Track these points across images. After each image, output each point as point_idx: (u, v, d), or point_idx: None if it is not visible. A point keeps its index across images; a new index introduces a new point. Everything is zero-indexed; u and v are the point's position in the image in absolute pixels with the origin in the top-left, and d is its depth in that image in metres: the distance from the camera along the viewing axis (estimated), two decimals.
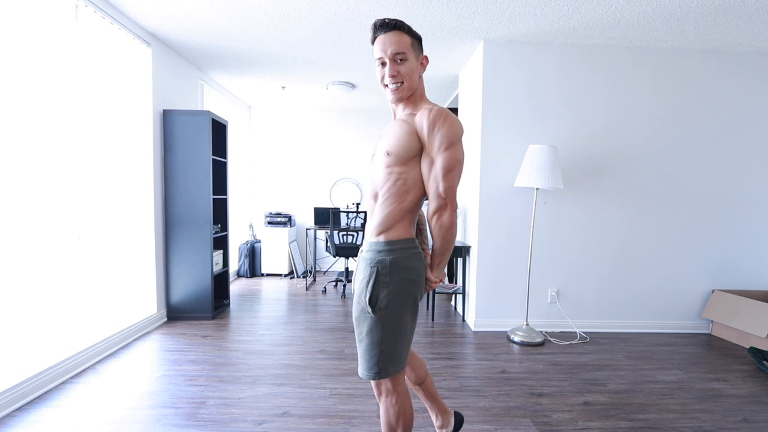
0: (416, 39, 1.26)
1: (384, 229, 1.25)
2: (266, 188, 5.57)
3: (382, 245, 1.25)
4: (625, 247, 3.22)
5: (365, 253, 1.29)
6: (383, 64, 1.25)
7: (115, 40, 2.69)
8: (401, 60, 1.22)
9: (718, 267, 3.26)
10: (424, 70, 1.31)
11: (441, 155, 1.20)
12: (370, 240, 1.28)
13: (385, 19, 1.23)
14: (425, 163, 1.23)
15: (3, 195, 1.91)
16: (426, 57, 1.30)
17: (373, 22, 1.78)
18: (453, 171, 1.21)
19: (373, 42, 1.26)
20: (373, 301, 1.21)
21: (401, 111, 1.31)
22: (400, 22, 1.23)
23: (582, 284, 3.24)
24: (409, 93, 1.27)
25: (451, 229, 1.24)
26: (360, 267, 1.31)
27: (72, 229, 2.36)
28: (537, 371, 2.47)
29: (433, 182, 1.22)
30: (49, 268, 2.19)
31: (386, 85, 1.26)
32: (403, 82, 1.24)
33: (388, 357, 1.23)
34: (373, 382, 1.28)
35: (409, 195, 1.25)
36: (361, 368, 1.26)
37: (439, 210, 1.23)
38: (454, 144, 1.20)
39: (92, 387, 2.16)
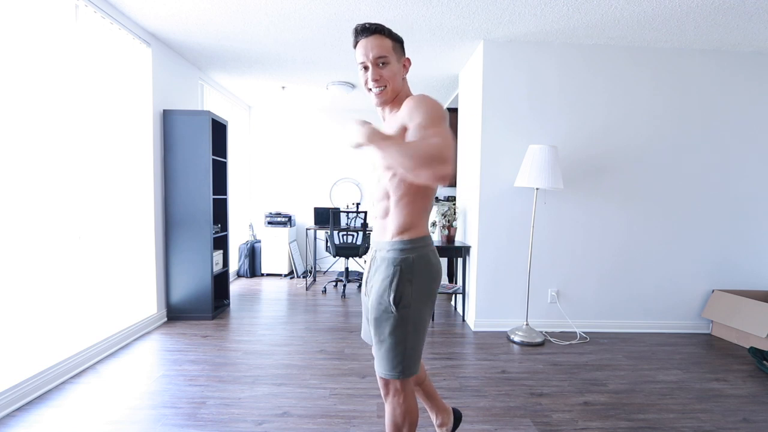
0: (398, 42, 1.26)
1: (405, 229, 1.25)
2: (266, 188, 5.57)
3: (405, 243, 1.24)
4: (625, 247, 3.22)
5: (385, 253, 1.27)
6: (366, 68, 1.25)
7: (115, 40, 2.69)
8: (383, 64, 1.22)
9: (718, 267, 3.26)
10: (407, 72, 1.31)
11: (426, 132, 1.06)
12: (390, 239, 1.26)
13: (365, 23, 1.23)
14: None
15: (3, 195, 1.91)
16: (408, 59, 1.29)
17: (353, 27, 1.77)
18: (446, 148, 1.03)
19: (354, 46, 1.27)
20: (397, 300, 1.21)
21: (388, 114, 1.31)
22: (381, 25, 1.23)
23: (582, 284, 3.24)
24: (393, 96, 1.27)
25: (432, 159, 0.99)
26: (379, 267, 1.28)
27: (72, 229, 2.35)
28: (537, 371, 2.47)
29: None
30: (49, 268, 2.19)
31: (370, 89, 1.26)
32: (386, 86, 1.24)
33: (411, 355, 1.24)
34: (381, 381, 1.29)
35: (420, 195, 1.25)
36: (383, 368, 1.25)
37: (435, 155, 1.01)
38: (439, 122, 1.09)
39: (92, 387, 2.16)
